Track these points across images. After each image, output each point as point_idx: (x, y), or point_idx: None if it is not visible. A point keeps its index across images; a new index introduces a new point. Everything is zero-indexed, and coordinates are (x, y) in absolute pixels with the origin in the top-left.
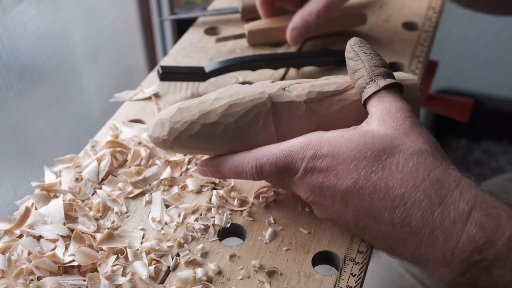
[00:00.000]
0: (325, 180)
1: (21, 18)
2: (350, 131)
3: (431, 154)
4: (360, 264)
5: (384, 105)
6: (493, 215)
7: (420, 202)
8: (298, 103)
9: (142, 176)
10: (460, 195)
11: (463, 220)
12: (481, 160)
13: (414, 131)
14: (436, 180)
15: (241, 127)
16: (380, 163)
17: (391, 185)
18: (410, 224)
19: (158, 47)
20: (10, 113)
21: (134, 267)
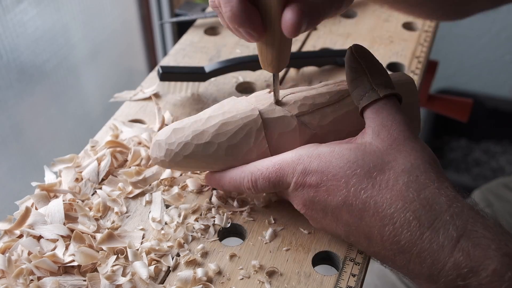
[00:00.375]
0: (316, 195)
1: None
2: (342, 146)
3: (424, 172)
4: (360, 264)
5: (381, 117)
6: (482, 246)
7: (409, 223)
8: (289, 118)
9: (142, 176)
10: (450, 220)
11: (451, 246)
12: (481, 160)
13: (408, 146)
14: (426, 201)
15: (234, 145)
16: (370, 181)
17: (380, 204)
18: (399, 242)
19: (158, 47)
20: (10, 113)
21: (134, 267)
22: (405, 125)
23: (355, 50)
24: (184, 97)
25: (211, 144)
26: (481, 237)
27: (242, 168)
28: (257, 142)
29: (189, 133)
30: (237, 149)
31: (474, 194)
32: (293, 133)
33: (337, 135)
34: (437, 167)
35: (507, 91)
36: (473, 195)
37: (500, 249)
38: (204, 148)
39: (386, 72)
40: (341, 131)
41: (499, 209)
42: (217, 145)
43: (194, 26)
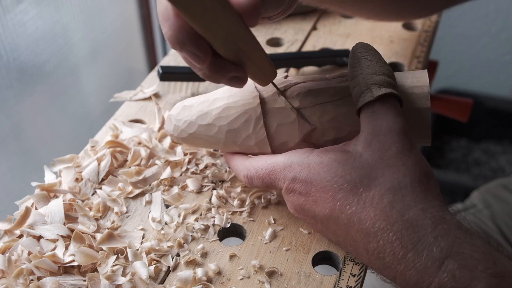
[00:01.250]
0: (305, 203)
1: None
2: (333, 156)
3: (411, 191)
4: (360, 264)
5: (374, 124)
6: (468, 267)
7: (392, 243)
8: (288, 110)
9: (142, 176)
10: (434, 241)
11: (435, 267)
12: (481, 160)
13: (399, 161)
14: (409, 223)
15: (233, 130)
16: (355, 197)
17: (364, 221)
18: (384, 259)
19: (158, 47)
20: (10, 113)
21: (134, 267)
22: (401, 135)
23: (358, 48)
24: (184, 97)
25: (213, 126)
26: (467, 258)
27: (242, 161)
28: (256, 129)
29: (195, 112)
30: (236, 134)
31: (473, 195)
32: (292, 125)
33: (338, 132)
34: (427, 184)
35: (507, 91)
36: (472, 196)
37: (488, 270)
38: (206, 129)
39: (388, 70)
40: (342, 129)
41: (498, 210)
42: (218, 128)
43: None
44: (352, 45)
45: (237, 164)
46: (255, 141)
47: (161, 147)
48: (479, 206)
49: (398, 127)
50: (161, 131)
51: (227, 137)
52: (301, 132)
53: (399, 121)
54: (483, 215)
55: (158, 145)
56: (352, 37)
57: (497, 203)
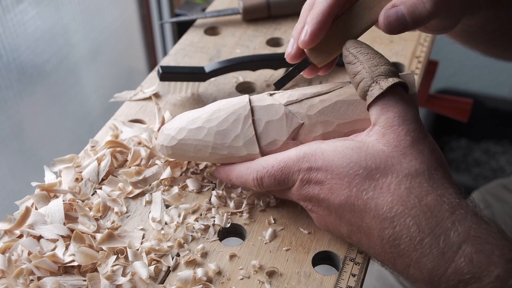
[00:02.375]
0: (320, 192)
1: (21, 18)
2: (345, 144)
3: (428, 178)
4: (360, 264)
5: (386, 116)
6: (485, 251)
7: (409, 228)
8: (277, 106)
9: (142, 176)
10: (452, 226)
11: (452, 252)
12: (481, 160)
13: (415, 148)
14: (427, 208)
15: (222, 131)
16: (372, 182)
17: (380, 207)
18: (399, 246)
19: (158, 47)
20: (10, 113)
21: (134, 267)
22: (414, 123)
23: (350, 45)
24: (184, 97)
25: (202, 129)
26: (484, 243)
27: (248, 165)
28: (244, 129)
29: (186, 118)
30: (225, 135)
31: (473, 195)
32: (280, 121)
33: (325, 127)
34: (444, 172)
35: (507, 91)
36: (472, 196)
37: (504, 255)
38: (195, 133)
39: (386, 60)
40: (330, 122)
41: (498, 210)
42: (207, 130)
43: (194, 26)
44: None
45: (242, 169)
46: (243, 141)
47: None
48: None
49: (411, 116)
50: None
51: (216, 139)
52: (290, 128)
53: (410, 110)
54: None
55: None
56: None
57: (497, 203)
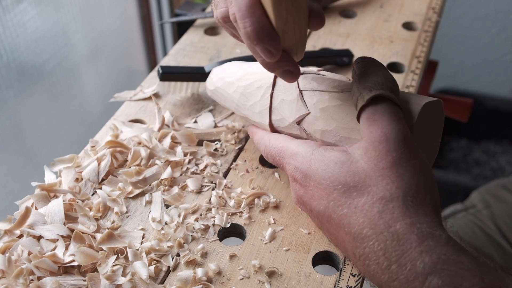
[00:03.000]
0: (304, 195)
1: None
2: (333, 156)
3: (402, 204)
4: None
5: (369, 131)
6: (453, 284)
7: (376, 252)
8: (294, 88)
9: (142, 176)
10: (418, 256)
11: (419, 281)
12: (481, 160)
13: (394, 171)
14: (396, 235)
15: (246, 93)
16: (347, 200)
17: (353, 225)
18: (369, 266)
19: (158, 47)
20: (10, 113)
21: (134, 267)
22: (398, 142)
23: (354, 62)
24: (184, 97)
25: (232, 85)
26: (453, 276)
27: (263, 135)
28: (263, 98)
29: (229, 69)
30: (247, 98)
31: (473, 195)
32: (292, 103)
33: (325, 124)
34: (423, 199)
35: (507, 91)
36: (472, 196)
37: (474, 286)
38: (227, 86)
39: (383, 74)
40: (330, 122)
41: (498, 210)
42: (236, 87)
43: (194, 26)
44: (352, 45)
45: (258, 138)
46: (259, 108)
47: (161, 147)
48: (479, 207)
49: (395, 134)
50: (161, 131)
51: (240, 98)
52: (297, 113)
53: (395, 126)
54: (483, 215)
55: (158, 145)
56: (352, 37)
57: (497, 203)
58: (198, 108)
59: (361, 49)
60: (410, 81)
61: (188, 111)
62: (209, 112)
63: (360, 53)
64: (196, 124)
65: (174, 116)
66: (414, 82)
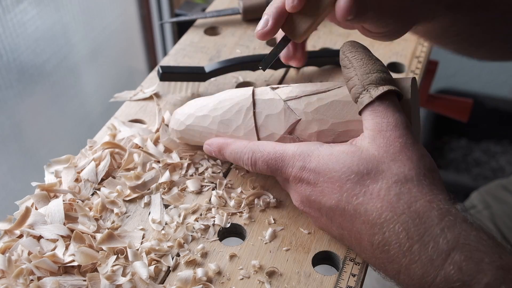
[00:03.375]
0: (312, 194)
1: (21, 18)
2: (341, 149)
3: (417, 184)
4: (360, 264)
5: (376, 121)
6: (474, 259)
7: (398, 234)
8: (277, 101)
9: (142, 181)
10: (441, 233)
11: (441, 259)
12: (481, 160)
13: (404, 154)
14: (416, 214)
15: (225, 120)
16: (362, 188)
17: (370, 212)
18: (389, 252)
19: (158, 47)
20: (10, 113)
21: (134, 267)
22: (403, 129)
23: (346, 48)
24: (184, 97)
25: (207, 117)
26: (474, 251)
27: (245, 143)
28: (245, 120)
29: (195, 106)
30: (228, 125)
31: (473, 196)
32: (279, 116)
33: (320, 125)
34: (433, 179)
35: (507, 91)
36: (472, 197)
37: (494, 262)
38: (201, 120)
39: (380, 66)
40: (324, 121)
41: (497, 210)
42: (212, 119)
43: (194, 26)
44: None
45: (239, 146)
46: (244, 131)
47: (156, 150)
48: (478, 207)
49: (399, 122)
50: (156, 134)
51: (219, 127)
52: (287, 123)
53: (398, 117)
54: (482, 216)
55: (154, 148)
56: (352, 37)
57: (496, 204)
58: None
59: None
60: None
61: None
62: None
63: None
64: None
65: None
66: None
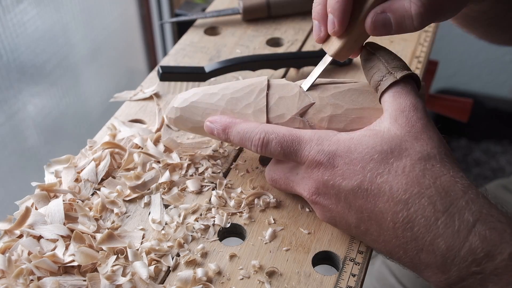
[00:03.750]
0: (330, 179)
1: (21, 18)
2: (361, 133)
3: (440, 161)
4: (360, 264)
5: (398, 102)
6: (498, 229)
7: (424, 208)
8: (292, 85)
9: (142, 181)
10: (466, 205)
11: (466, 230)
12: (481, 160)
13: (426, 134)
14: (442, 188)
15: (235, 98)
16: (386, 166)
17: (395, 189)
18: (413, 229)
19: (158, 47)
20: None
21: (134, 267)
22: (424, 111)
23: (369, 45)
24: None
25: (216, 95)
26: (496, 221)
27: (257, 124)
28: (257, 99)
29: (204, 88)
30: (237, 102)
31: None
32: (293, 98)
33: (335, 109)
34: (452, 158)
35: (507, 91)
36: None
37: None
38: (209, 97)
39: (401, 59)
40: (339, 106)
41: None
42: (221, 96)
43: (194, 26)
44: None
45: (249, 127)
46: (253, 109)
47: (156, 150)
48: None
49: (421, 105)
50: (156, 134)
51: (227, 104)
52: (300, 105)
53: (419, 101)
54: None
55: (153, 148)
56: None
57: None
58: None
59: None
60: None
61: None
62: None
63: None
64: None
65: None
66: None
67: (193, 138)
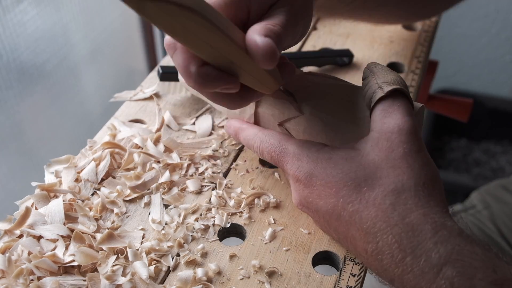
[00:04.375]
0: (309, 196)
1: (21, 18)
2: (340, 154)
3: (414, 194)
4: (360, 264)
5: (383, 122)
6: (466, 275)
7: (390, 246)
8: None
9: (142, 181)
10: (433, 247)
11: (433, 273)
12: (481, 160)
13: (405, 162)
14: (410, 227)
15: None
16: (358, 195)
17: (364, 220)
18: (382, 261)
19: (158, 47)
20: (10, 113)
21: (134, 267)
22: (410, 134)
23: (369, 63)
24: (184, 97)
25: None
26: (466, 266)
27: (256, 131)
28: None
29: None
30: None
31: (472, 196)
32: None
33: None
34: (432, 189)
35: (507, 91)
36: (471, 197)
37: (486, 278)
38: None
39: (396, 73)
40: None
41: (497, 211)
42: None
43: None
44: (352, 45)
45: (250, 134)
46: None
47: (156, 150)
48: (478, 207)
49: (407, 127)
50: (156, 134)
51: None
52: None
53: (408, 120)
54: (482, 216)
55: (153, 148)
56: (352, 37)
57: (496, 204)
58: (198, 108)
59: (361, 49)
60: (410, 81)
61: (188, 111)
62: (209, 114)
63: (360, 53)
64: (194, 126)
65: (174, 116)
66: (414, 82)
67: (193, 138)
